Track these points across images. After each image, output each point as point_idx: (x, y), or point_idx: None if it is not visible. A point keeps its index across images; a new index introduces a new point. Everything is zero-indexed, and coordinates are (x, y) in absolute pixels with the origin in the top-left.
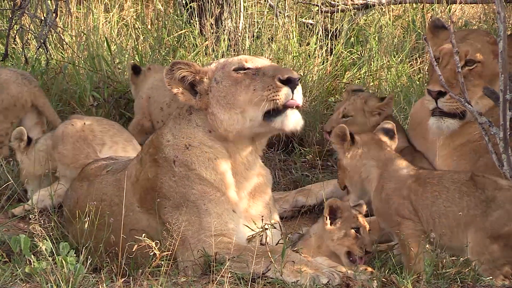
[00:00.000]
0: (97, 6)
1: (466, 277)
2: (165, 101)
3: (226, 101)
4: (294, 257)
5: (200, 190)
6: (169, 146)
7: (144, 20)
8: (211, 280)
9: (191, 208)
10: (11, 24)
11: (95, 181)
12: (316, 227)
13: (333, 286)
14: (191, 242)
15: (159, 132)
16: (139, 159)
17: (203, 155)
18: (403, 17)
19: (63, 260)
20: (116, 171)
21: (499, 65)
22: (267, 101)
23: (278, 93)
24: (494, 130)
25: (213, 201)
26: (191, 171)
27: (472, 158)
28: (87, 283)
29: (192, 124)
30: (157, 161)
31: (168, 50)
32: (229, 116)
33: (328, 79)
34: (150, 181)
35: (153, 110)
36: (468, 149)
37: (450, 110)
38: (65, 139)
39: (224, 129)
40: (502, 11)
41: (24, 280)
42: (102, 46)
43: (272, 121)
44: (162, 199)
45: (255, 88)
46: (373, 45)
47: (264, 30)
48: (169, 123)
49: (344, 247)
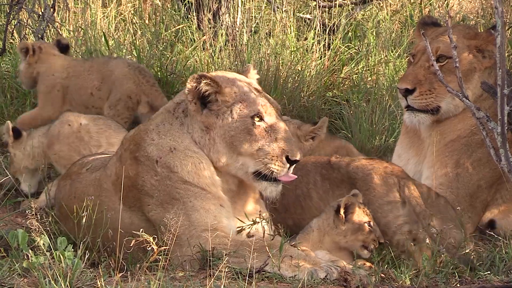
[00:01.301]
0: (95, 1)
1: (464, 272)
2: (94, 85)
3: (231, 141)
4: (292, 251)
5: (183, 188)
6: (153, 145)
7: (142, 15)
8: (209, 274)
9: (177, 205)
10: (9, 19)
11: (76, 180)
12: (320, 222)
13: (331, 280)
14: (183, 238)
15: (142, 128)
16: (118, 156)
17: (187, 159)
18: (401, 12)
19: (60, 255)
20: (95, 169)
21: (497, 59)
22: (265, 167)
23: (279, 167)
24: (492, 125)
25: (199, 197)
26: (173, 174)
27: (465, 153)
28: (85, 278)
29: (184, 129)
30: (138, 159)
31: (166, 45)
32: (227, 152)
33: (326, 74)
34: (132, 179)
35: (80, 97)
36: (459, 145)
37: (420, 107)
38: (62, 139)
39: (217, 158)
40: (500, 5)
41: (22, 275)
42: (100, 41)
43: (259, 182)
44: (145, 196)
45: (261, 148)
46: (371, 40)
47: (262, 25)
48: (157, 119)
49: (359, 241)
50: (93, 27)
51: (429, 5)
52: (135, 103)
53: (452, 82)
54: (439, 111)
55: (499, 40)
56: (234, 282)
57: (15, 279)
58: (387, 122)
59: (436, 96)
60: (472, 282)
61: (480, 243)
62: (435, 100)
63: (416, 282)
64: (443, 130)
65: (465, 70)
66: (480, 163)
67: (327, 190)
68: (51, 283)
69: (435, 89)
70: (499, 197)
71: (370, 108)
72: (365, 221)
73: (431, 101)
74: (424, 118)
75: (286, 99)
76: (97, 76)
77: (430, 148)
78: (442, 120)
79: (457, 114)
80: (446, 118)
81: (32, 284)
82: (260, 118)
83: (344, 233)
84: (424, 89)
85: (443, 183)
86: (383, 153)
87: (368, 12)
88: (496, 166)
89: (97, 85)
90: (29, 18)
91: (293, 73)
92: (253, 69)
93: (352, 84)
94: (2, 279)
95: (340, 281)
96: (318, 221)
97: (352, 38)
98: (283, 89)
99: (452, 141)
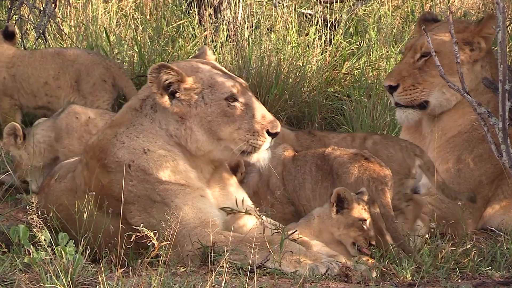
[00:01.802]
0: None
1: (465, 267)
2: (50, 74)
3: (209, 126)
4: (293, 247)
5: (162, 189)
6: (123, 148)
7: (143, 11)
8: (210, 270)
9: (161, 207)
10: (10, 14)
11: (48, 193)
12: (321, 211)
13: (332, 276)
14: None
15: (108, 133)
16: (84, 164)
17: (161, 159)
18: (402, 8)
19: (62, 251)
20: (62, 179)
21: (498, 56)
22: (248, 144)
23: (260, 141)
24: (493, 121)
25: (180, 195)
26: (149, 176)
27: (466, 149)
28: (86, 273)
29: (156, 125)
30: (107, 165)
31: (167, 40)
32: (207, 139)
33: (327, 69)
34: (105, 187)
35: (29, 86)
36: (460, 140)
37: (406, 103)
38: (71, 133)
39: (196, 147)
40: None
41: (23, 270)
42: (101, 36)
43: (248, 156)
44: (125, 204)
45: (241, 127)
46: (372, 36)
47: (263, 21)
48: (124, 120)
49: (350, 238)
50: (94, 22)
51: (431, 0)
52: (111, 85)
53: (437, 77)
54: (428, 106)
55: (500, 36)
56: (235, 278)
57: (16, 275)
58: (388, 118)
59: (421, 91)
60: (473, 277)
61: (481, 239)
62: (420, 95)
63: (417, 277)
64: (444, 126)
65: (448, 64)
66: (481, 158)
67: (318, 181)
68: (52, 279)
69: (419, 84)
70: (500, 192)
71: (371, 104)
72: (361, 218)
73: (416, 96)
74: (412, 113)
75: (288, 95)
76: (52, 66)
77: (432, 144)
78: (437, 114)
79: (457, 109)
80: (444, 113)
81: (33, 279)
82: (234, 98)
83: (337, 225)
84: (408, 85)
85: (445, 179)
86: None
87: (370, 8)
88: (497, 161)
89: (53, 74)
90: (30, 14)
91: (294, 69)
92: (209, 49)
93: (353, 80)
94: (4, 275)
95: (341, 276)
96: (319, 210)
97: (353, 33)
98: (284, 84)
99: (453, 136)
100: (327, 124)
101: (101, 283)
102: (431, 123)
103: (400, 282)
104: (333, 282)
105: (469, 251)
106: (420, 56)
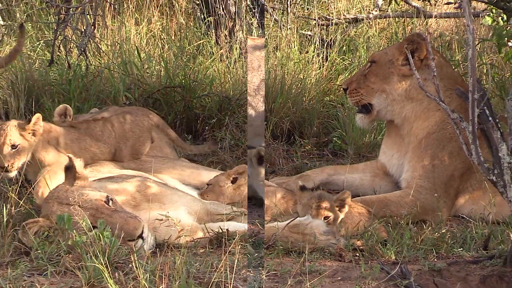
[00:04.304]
0: (129, 20)
1: (440, 249)
2: None
3: None
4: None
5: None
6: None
7: (168, 32)
8: (224, 251)
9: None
10: (56, 35)
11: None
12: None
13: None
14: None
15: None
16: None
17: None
18: (387, 29)
19: (100, 234)
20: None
21: (468, 70)
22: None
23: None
24: (464, 125)
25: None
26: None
27: (438, 147)
28: (121, 254)
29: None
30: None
31: (189, 57)
32: None
33: (324, 81)
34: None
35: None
36: (432, 140)
37: (353, 104)
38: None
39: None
40: (471, 24)
41: (67, 251)
42: (133, 54)
43: None
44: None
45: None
46: (362, 53)
47: (270, 40)
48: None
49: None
50: (127, 42)
51: (411, 23)
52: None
53: (376, 83)
54: (373, 110)
55: (470, 53)
56: (245, 257)
57: (62, 256)
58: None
59: (362, 95)
60: (448, 257)
61: (454, 225)
62: (361, 98)
63: (399, 257)
64: (414, 130)
65: (383, 73)
66: (452, 155)
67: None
68: (92, 259)
69: (361, 88)
70: (469, 185)
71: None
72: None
73: (357, 98)
74: (360, 117)
75: (291, 103)
76: None
77: (410, 146)
78: (388, 119)
79: (421, 116)
80: (413, 121)
81: (76, 259)
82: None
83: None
84: (352, 88)
85: (422, 174)
86: (372, 148)
87: (360, 30)
88: (466, 158)
89: None
90: (73, 34)
91: (296, 81)
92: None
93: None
94: (51, 255)
95: (336, 256)
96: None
97: (346, 51)
98: (288, 94)
99: (424, 137)
100: (323, 128)
101: (133, 262)
102: (407, 126)
103: (386, 261)
104: (329, 261)
105: (444, 235)
106: (369, 65)
